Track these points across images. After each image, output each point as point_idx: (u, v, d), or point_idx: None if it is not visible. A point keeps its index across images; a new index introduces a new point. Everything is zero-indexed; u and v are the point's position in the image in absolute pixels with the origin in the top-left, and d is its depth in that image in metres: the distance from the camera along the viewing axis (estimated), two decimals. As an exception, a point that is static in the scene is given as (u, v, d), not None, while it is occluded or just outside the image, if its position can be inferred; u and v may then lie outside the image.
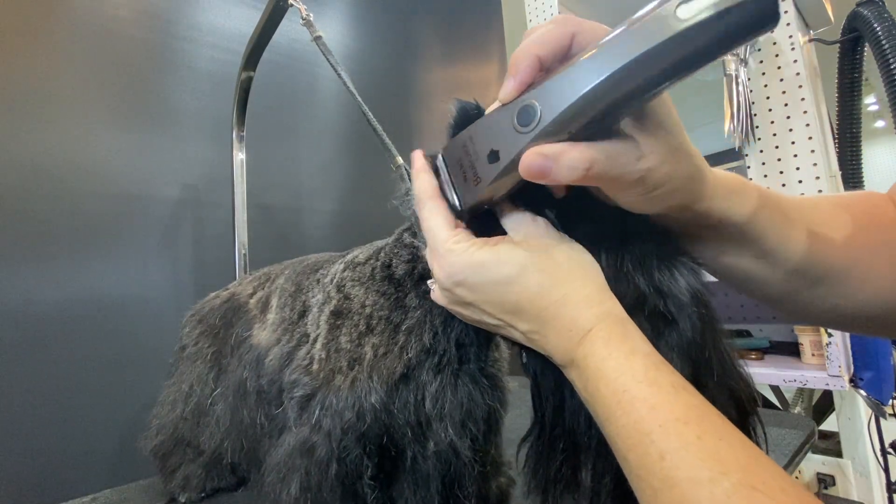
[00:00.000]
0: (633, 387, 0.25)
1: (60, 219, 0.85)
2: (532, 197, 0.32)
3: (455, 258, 0.31)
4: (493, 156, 0.28)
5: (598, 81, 0.23)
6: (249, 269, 0.97)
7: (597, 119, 0.25)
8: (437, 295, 0.36)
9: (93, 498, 0.73)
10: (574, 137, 0.25)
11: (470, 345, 0.43)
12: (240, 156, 0.99)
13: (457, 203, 0.32)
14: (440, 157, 0.33)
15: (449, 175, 0.32)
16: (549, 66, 0.27)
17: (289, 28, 1.16)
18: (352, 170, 1.36)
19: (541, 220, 0.32)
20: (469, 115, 0.32)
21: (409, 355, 0.42)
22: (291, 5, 0.75)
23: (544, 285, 0.29)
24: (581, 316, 0.28)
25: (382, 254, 0.48)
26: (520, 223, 0.32)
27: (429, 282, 0.37)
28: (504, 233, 0.32)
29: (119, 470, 0.86)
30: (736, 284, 0.37)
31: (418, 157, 0.36)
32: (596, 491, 0.30)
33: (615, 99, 0.24)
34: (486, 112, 0.31)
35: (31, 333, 0.80)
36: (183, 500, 0.66)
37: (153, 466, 0.69)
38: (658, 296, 0.30)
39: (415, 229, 0.44)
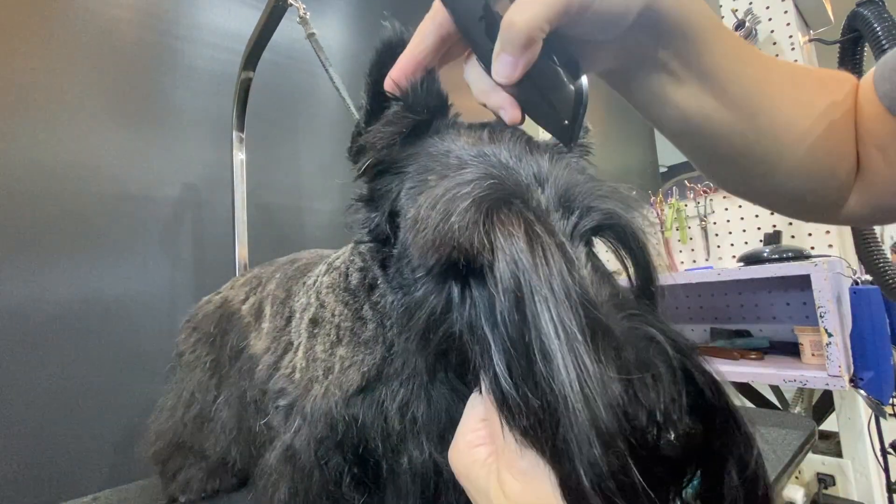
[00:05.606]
0: None
1: (60, 219, 0.85)
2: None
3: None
4: None
5: None
6: (249, 269, 0.97)
7: None
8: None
9: (93, 498, 0.73)
10: None
11: (442, 355, 0.34)
12: (240, 156, 0.99)
13: None
14: None
15: None
16: None
17: (289, 28, 1.16)
18: (352, 170, 1.36)
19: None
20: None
21: (365, 369, 0.41)
22: (290, 5, 0.75)
23: None
24: None
25: (339, 261, 0.46)
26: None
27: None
28: None
29: (119, 470, 0.86)
30: (695, 135, 0.37)
31: None
32: None
33: None
34: None
35: (30, 333, 0.80)
36: (183, 501, 0.66)
37: (153, 468, 0.69)
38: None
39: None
